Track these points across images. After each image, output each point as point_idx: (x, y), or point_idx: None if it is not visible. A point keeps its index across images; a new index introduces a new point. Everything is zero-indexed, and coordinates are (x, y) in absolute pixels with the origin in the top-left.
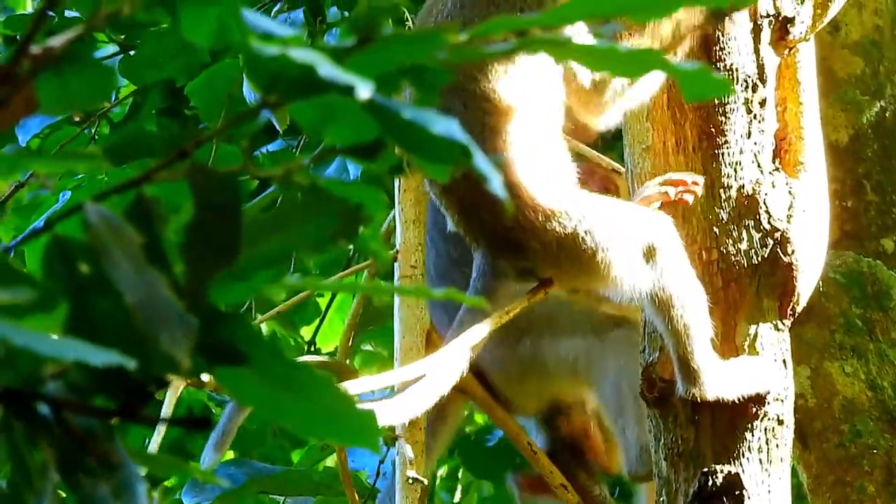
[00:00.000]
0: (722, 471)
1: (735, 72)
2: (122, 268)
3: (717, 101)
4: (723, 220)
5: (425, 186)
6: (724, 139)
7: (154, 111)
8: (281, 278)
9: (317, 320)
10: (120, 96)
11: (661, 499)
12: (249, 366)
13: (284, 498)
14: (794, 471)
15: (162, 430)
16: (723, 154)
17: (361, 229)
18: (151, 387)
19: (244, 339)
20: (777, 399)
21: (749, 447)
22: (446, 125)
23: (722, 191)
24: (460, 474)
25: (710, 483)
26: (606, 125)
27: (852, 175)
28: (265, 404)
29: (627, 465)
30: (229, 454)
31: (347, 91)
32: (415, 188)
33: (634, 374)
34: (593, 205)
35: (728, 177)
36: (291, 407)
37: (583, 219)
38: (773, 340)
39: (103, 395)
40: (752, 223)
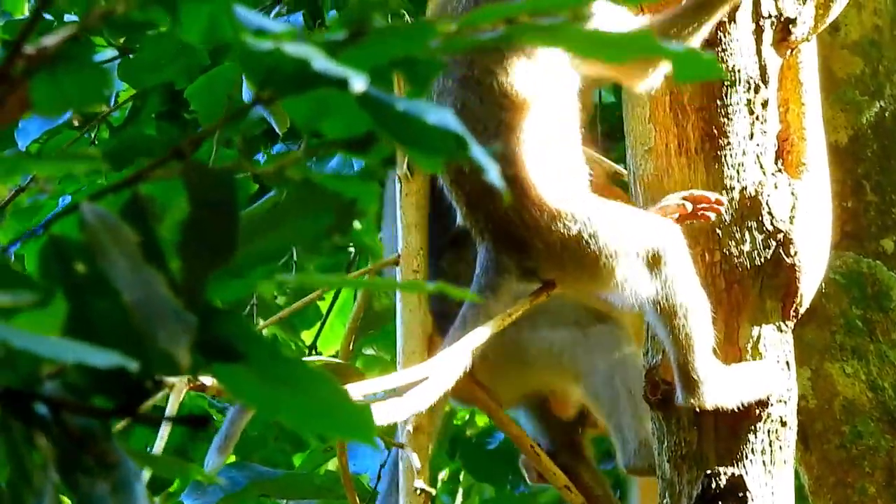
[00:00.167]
0: (725, 473)
1: (737, 73)
2: (119, 267)
3: (719, 102)
4: (725, 221)
5: (426, 191)
6: (726, 140)
7: (153, 115)
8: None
9: (318, 324)
10: (119, 100)
11: (665, 501)
12: (246, 362)
13: (286, 501)
14: (794, 472)
15: (165, 435)
16: (725, 155)
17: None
18: (149, 386)
19: (241, 336)
20: (780, 401)
21: (752, 449)
22: (441, 116)
23: (724, 192)
24: (461, 477)
25: (713, 485)
26: (648, 88)
27: (852, 175)
28: (262, 400)
29: (625, 460)
30: (231, 458)
31: (342, 85)
32: (416, 192)
33: (626, 370)
34: (600, 208)
35: (730, 178)
36: (288, 402)
37: (588, 221)
38: (776, 342)
39: (101, 395)
40: (754, 224)
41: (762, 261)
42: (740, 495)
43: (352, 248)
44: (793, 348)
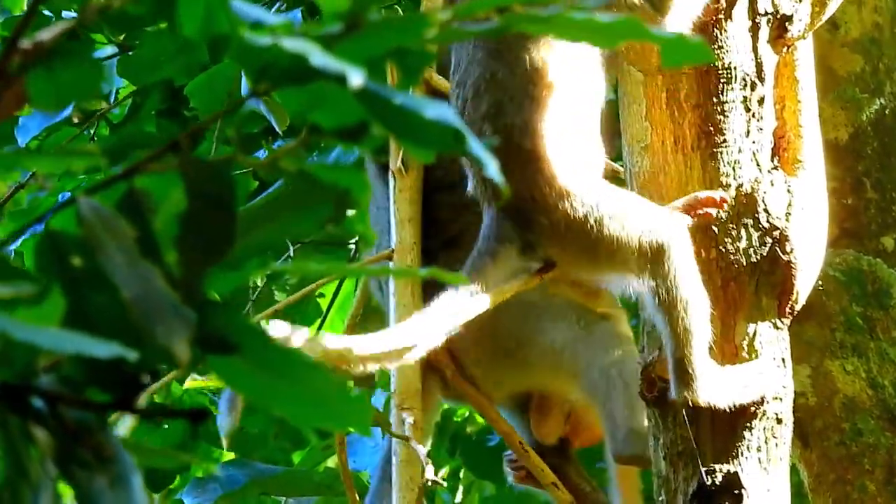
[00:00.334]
0: (721, 470)
1: (733, 70)
2: (116, 261)
3: (715, 99)
4: (721, 218)
5: (420, 186)
6: (722, 138)
7: (153, 112)
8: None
9: (318, 320)
10: (119, 97)
11: (661, 498)
12: (242, 354)
13: (286, 498)
14: (794, 469)
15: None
16: (721, 153)
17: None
18: (145, 379)
19: (236, 328)
20: (776, 398)
21: (748, 446)
22: (439, 110)
23: (721, 189)
24: (462, 474)
25: (709, 482)
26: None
27: (852, 173)
28: (258, 391)
29: (613, 447)
30: (230, 455)
31: (339, 79)
32: (410, 187)
33: (624, 364)
34: (610, 196)
35: (727, 175)
36: (284, 393)
37: (595, 206)
38: (772, 339)
39: (97, 388)
40: (750, 222)
41: (758, 258)
42: (736, 492)
43: (352, 245)
44: (789, 345)
